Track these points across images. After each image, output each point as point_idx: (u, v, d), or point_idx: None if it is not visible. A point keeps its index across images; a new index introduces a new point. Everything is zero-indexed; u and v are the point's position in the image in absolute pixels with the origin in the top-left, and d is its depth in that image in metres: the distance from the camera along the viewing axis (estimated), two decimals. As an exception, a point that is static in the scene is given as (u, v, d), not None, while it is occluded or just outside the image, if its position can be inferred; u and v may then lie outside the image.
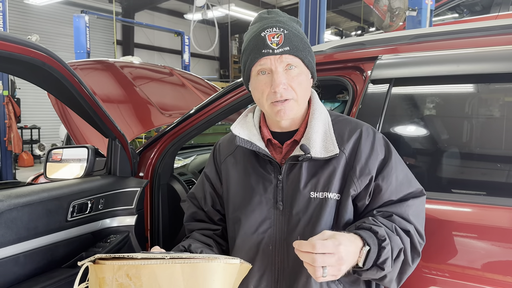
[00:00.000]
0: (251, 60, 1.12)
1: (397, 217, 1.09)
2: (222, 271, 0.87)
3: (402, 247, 1.04)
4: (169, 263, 0.84)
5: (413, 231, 1.08)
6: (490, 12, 6.00)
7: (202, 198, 1.32)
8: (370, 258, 0.98)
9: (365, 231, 1.02)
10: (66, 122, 2.60)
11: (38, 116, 12.58)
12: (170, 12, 16.42)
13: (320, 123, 1.16)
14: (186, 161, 3.03)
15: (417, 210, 1.12)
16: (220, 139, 1.38)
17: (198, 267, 0.85)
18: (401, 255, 1.04)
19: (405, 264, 1.06)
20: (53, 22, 13.26)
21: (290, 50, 1.08)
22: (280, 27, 1.09)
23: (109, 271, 0.84)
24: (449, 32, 1.48)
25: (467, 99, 1.42)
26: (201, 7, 9.29)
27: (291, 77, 1.10)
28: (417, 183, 1.16)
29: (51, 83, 1.55)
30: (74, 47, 8.53)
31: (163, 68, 3.64)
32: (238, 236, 1.18)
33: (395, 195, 1.12)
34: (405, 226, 1.08)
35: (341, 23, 18.19)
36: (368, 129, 1.17)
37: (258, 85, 1.13)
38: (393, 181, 1.11)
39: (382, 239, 1.00)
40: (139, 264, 0.82)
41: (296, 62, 1.10)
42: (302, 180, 1.12)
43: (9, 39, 1.23)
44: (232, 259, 0.90)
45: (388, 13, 5.33)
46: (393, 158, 1.14)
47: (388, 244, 1.01)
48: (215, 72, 19.15)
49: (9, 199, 1.38)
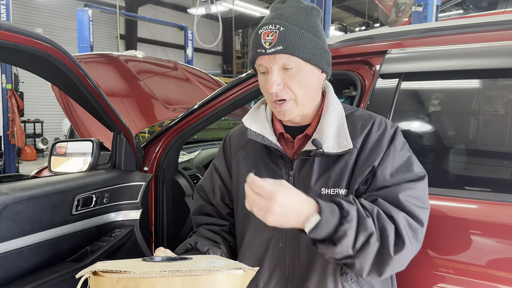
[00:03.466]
0: (251, 59, 1.11)
1: (383, 201, 1.00)
2: (225, 282, 0.84)
3: (371, 232, 0.94)
4: (169, 276, 0.81)
5: (403, 217, 0.98)
6: (497, 8, 5.95)
7: (210, 191, 1.30)
8: (319, 228, 0.91)
9: (331, 203, 0.95)
10: (70, 115, 2.58)
11: (41, 110, 12.60)
12: (173, 7, 16.38)
13: (333, 117, 1.12)
14: (190, 156, 3.02)
15: (411, 193, 1.01)
16: (230, 130, 1.35)
17: (199, 280, 0.82)
18: (372, 241, 0.94)
19: (384, 254, 0.95)
20: (56, 16, 13.25)
21: (284, 49, 1.02)
22: (277, 24, 1.03)
23: (108, 284, 0.82)
24: (459, 26, 1.46)
25: (477, 94, 1.40)
26: (204, 2, 9.26)
27: (287, 76, 1.05)
28: (418, 169, 1.07)
29: (56, 75, 1.54)
30: (78, 41, 8.52)
31: (167, 62, 3.62)
32: (248, 232, 1.16)
33: (389, 181, 1.03)
34: (390, 211, 0.98)
35: (345, 19, 18.10)
36: (381, 122, 1.12)
37: (262, 84, 1.12)
38: (387, 166, 1.04)
39: (345, 216, 0.93)
40: (138, 278, 0.80)
41: (293, 61, 1.04)
42: (314, 176, 1.09)
43: (15, 30, 1.22)
44: (235, 270, 0.86)
45: (393, 8, 5.29)
46: (393, 144, 1.07)
47: (350, 222, 0.92)
48: (218, 67, 19.11)
49: (14, 192, 1.37)
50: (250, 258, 1.16)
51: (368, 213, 0.97)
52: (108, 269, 0.82)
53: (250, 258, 1.16)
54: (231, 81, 1.92)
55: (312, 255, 1.08)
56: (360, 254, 0.94)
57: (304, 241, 1.09)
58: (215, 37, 9.81)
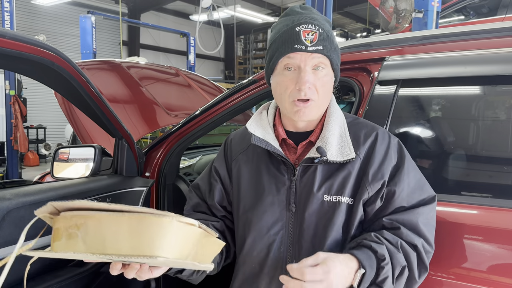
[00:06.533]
0: (279, 53, 1.09)
1: (405, 230, 1.06)
2: (175, 230, 0.78)
3: (405, 265, 1.03)
4: (116, 215, 0.77)
5: (421, 244, 1.06)
6: (497, 15, 5.96)
7: (206, 190, 1.30)
8: (365, 280, 0.97)
9: (364, 250, 1.00)
10: (72, 121, 2.61)
11: (44, 116, 12.65)
12: (176, 13, 16.47)
13: (336, 125, 1.14)
14: (192, 162, 3.03)
15: (428, 218, 1.10)
16: (231, 134, 1.35)
17: (146, 221, 0.77)
18: (405, 272, 1.03)
19: (411, 280, 1.05)
20: (59, 23, 13.34)
21: (323, 49, 1.06)
22: (316, 25, 1.07)
23: (63, 222, 0.81)
24: (456, 33, 1.48)
25: (475, 101, 1.41)
26: (207, 8, 9.30)
27: (317, 77, 1.08)
28: (430, 189, 1.14)
29: (59, 83, 1.55)
30: (80, 48, 8.56)
31: (169, 69, 3.65)
32: (249, 237, 1.16)
33: (406, 202, 1.09)
34: (413, 240, 1.05)
35: (347, 25, 18.15)
36: (384, 134, 1.16)
37: (283, 80, 1.10)
38: (405, 187, 1.09)
39: (382, 259, 0.99)
40: (87, 214, 0.78)
41: (325, 63, 1.09)
42: (316, 183, 1.10)
43: (19, 38, 1.24)
44: (188, 219, 0.81)
45: (394, 14, 5.31)
46: (406, 163, 1.12)
47: (388, 264, 0.99)
48: (220, 73, 19.16)
49: (17, 197, 1.39)
50: (251, 263, 1.16)
51: (394, 247, 1.03)
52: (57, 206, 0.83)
53: (251, 263, 1.16)
54: (233, 87, 1.94)
55: None
56: (397, 285, 1.03)
57: (305, 246, 1.10)
58: (217, 43, 9.85)
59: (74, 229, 0.79)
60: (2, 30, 1.20)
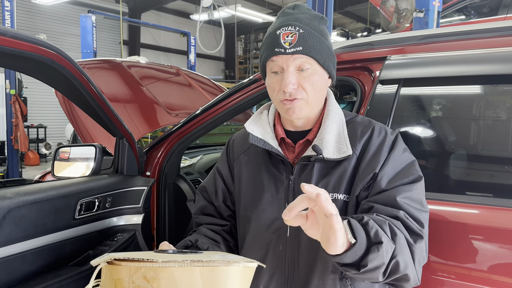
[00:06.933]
0: (265, 57, 1.12)
1: (381, 206, 1.01)
2: (240, 274, 0.86)
3: (386, 221, 0.95)
4: (188, 266, 0.81)
5: (403, 215, 0.99)
6: (498, 14, 5.96)
7: (213, 192, 1.31)
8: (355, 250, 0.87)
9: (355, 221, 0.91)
10: (73, 121, 2.60)
11: (44, 115, 12.67)
12: (176, 13, 16.48)
13: (334, 124, 1.14)
14: (192, 161, 3.03)
15: (409, 195, 1.03)
16: (233, 134, 1.37)
17: (217, 271, 0.83)
18: (396, 231, 0.94)
19: (409, 245, 0.96)
20: (60, 22, 13.35)
21: (303, 50, 1.06)
22: (296, 26, 1.07)
23: (126, 273, 0.81)
24: (458, 32, 1.47)
25: (476, 100, 1.41)
26: (207, 8, 9.30)
27: (302, 77, 1.08)
28: (415, 171, 1.08)
29: (60, 81, 1.55)
30: (81, 47, 8.58)
31: (170, 68, 3.64)
32: (248, 235, 1.18)
33: (387, 186, 1.05)
34: (391, 212, 0.99)
35: (347, 25, 18.16)
36: (380, 129, 1.15)
37: (271, 82, 1.13)
38: (387, 172, 1.06)
39: (360, 218, 0.92)
40: (157, 267, 0.80)
41: (310, 62, 1.08)
42: (313, 181, 1.11)
43: (20, 37, 1.24)
44: (250, 262, 0.88)
45: (395, 14, 5.31)
46: (394, 151, 1.10)
47: (369, 220, 0.91)
48: (221, 73, 19.18)
49: (18, 196, 1.39)
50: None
51: (372, 215, 0.97)
52: (124, 257, 0.81)
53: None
54: (233, 86, 1.94)
55: (311, 259, 1.09)
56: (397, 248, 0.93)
57: (304, 244, 1.10)
58: (218, 43, 9.86)
59: (142, 282, 0.80)
60: (3, 28, 1.20)
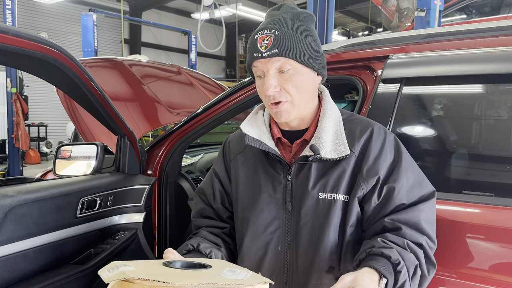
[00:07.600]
0: (248, 63, 1.13)
1: (408, 230, 1.05)
2: None
3: (417, 263, 1.02)
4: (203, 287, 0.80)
5: (425, 242, 1.06)
6: (500, 13, 5.95)
7: (211, 194, 1.30)
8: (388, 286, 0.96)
9: (378, 259, 0.98)
10: (74, 119, 2.60)
11: (45, 114, 12.67)
12: (177, 12, 16.46)
13: (330, 122, 1.13)
14: (193, 160, 3.03)
15: (428, 214, 1.09)
16: (229, 135, 1.36)
17: None
18: (418, 271, 1.02)
19: (422, 277, 1.04)
20: (61, 20, 13.35)
21: (279, 52, 1.04)
22: (272, 29, 1.06)
23: None
24: (460, 32, 1.47)
25: (478, 100, 1.41)
26: (208, 7, 9.29)
27: (284, 79, 1.07)
28: (429, 184, 1.13)
29: (61, 79, 1.55)
30: (82, 45, 8.58)
31: (171, 67, 3.64)
32: (247, 236, 1.17)
33: (406, 199, 1.08)
34: (417, 239, 1.05)
35: (348, 24, 18.14)
36: (379, 129, 1.15)
37: (258, 86, 1.14)
38: (404, 184, 1.08)
39: (396, 263, 0.97)
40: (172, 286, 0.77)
41: (290, 63, 1.06)
42: (311, 181, 1.11)
43: (22, 35, 1.24)
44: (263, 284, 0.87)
45: (396, 13, 5.30)
46: (403, 159, 1.11)
47: (403, 267, 0.98)
48: (222, 72, 19.16)
49: (19, 194, 1.39)
50: (249, 261, 1.17)
51: (403, 249, 1.02)
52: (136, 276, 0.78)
53: (249, 261, 1.17)
54: (234, 85, 1.94)
55: (309, 260, 1.09)
56: (412, 286, 1.02)
57: (302, 245, 1.11)
58: (219, 42, 9.84)
59: None
60: (5, 26, 1.20)
